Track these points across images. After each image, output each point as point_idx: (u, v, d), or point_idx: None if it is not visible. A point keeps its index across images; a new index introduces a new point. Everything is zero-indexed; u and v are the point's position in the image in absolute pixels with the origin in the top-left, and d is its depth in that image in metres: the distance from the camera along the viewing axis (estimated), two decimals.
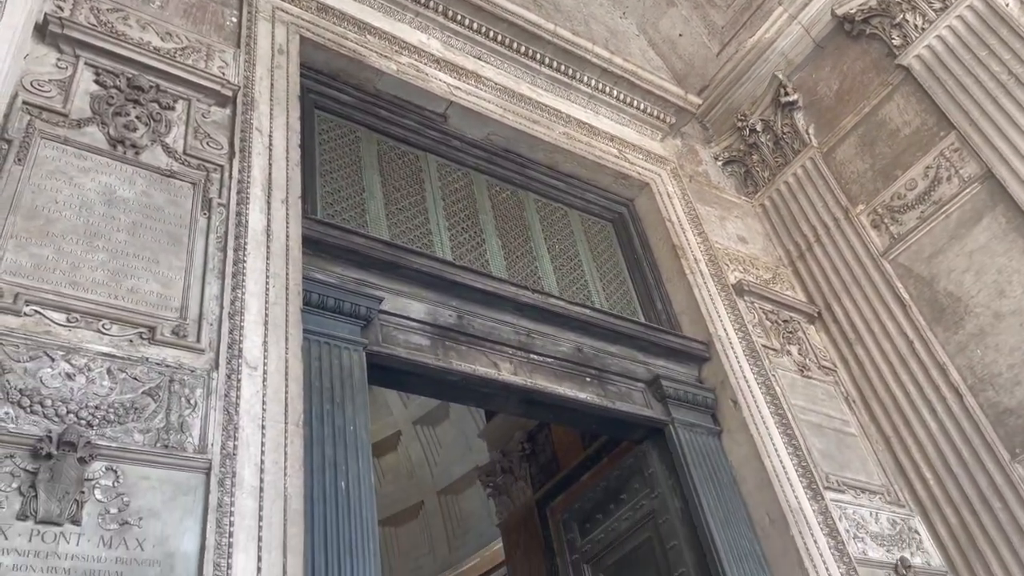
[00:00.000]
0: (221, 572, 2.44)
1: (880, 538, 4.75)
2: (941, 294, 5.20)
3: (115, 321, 2.75)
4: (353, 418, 3.36)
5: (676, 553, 4.58)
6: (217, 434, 2.70)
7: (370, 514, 3.16)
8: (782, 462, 4.67)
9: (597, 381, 4.62)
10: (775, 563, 4.44)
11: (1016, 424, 4.76)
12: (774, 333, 5.40)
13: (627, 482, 5.09)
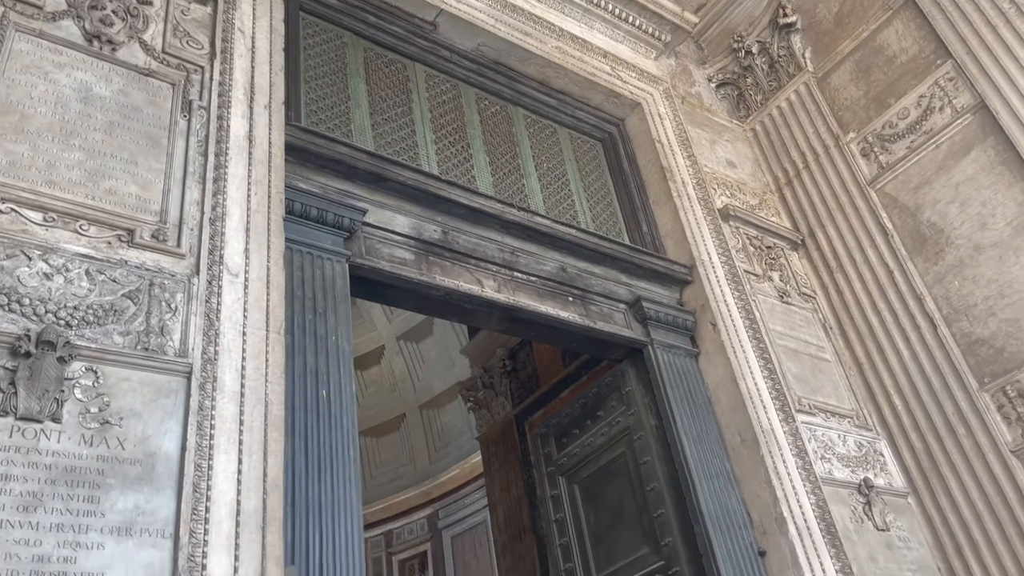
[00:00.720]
0: (202, 473, 2.48)
1: (846, 459, 4.91)
2: (924, 225, 5.22)
3: (93, 222, 2.71)
4: (335, 328, 3.37)
5: (649, 468, 4.72)
6: (198, 339, 2.71)
7: (351, 422, 3.22)
8: (757, 385, 4.77)
9: (580, 301, 4.65)
10: (744, 481, 4.59)
11: (986, 354, 4.86)
12: (757, 259, 5.43)
13: (604, 400, 5.20)
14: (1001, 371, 4.81)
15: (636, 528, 4.82)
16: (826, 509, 4.57)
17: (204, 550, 2.36)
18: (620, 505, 4.92)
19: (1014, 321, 4.80)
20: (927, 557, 4.86)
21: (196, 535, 2.37)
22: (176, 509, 2.38)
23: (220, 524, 2.44)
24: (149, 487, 2.37)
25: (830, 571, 4.34)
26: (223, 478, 2.52)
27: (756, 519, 4.55)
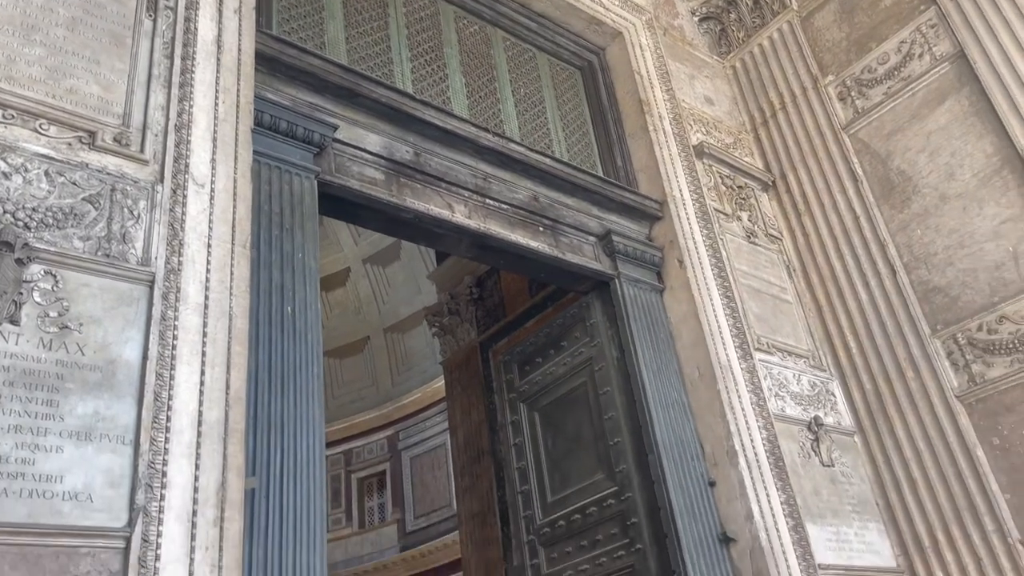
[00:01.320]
0: (164, 382, 2.47)
1: (799, 398, 5.06)
2: (893, 172, 5.27)
3: (53, 122, 2.62)
4: (302, 245, 3.34)
5: (608, 398, 4.82)
6: (161, 248, 2.66)
7: (315, 339, 3.21)
8: (718, 322, 4.86)
9: (550, 231, 4.65)
10: (699, 414, 4.71)
11: (941, 302, 4.99)
12: (727, 198, 5.45)
13: (569, 330, 5.26)
14: (954, 319, 4.95)
15: (592, 455, 4.95)
16: (776, 444, 4.73)
17: (165, 458, 2.38)
18: (578, 432, 5.04)
19: (971, 271, 4.91)
20: (867, 492, 5.08)
21: (157, 443, 2.38)
22: (136, 417, 2.38)
23: (181, 433, 2.45)
24: (109, 394, 2.36)
25: (775, 502, 4.51)
26: (185, 388, 2.52)
27: (708, 451, 4.70)
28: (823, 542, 4.64)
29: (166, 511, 2.32)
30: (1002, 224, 4.80)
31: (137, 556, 2.22)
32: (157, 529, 2.29)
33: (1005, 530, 4.50)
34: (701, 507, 4.52)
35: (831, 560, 4.59)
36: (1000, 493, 4.61)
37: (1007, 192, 4.80)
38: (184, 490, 2.38)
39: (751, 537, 4.39)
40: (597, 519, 4.76)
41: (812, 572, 4.41)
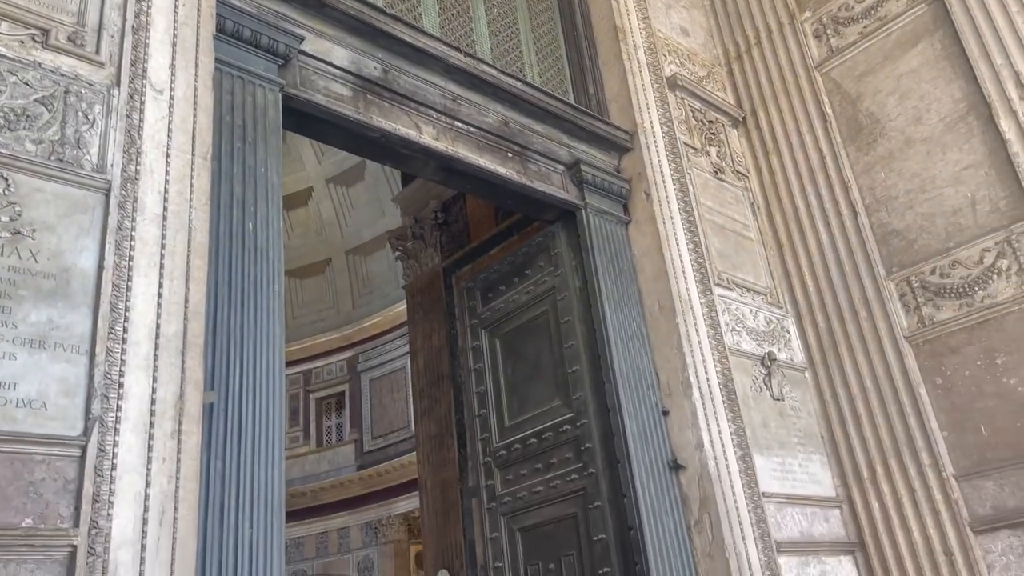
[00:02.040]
0: (120, 293, 2.43)
1: (755, 333, 5.17)
2: (863, 113, 5.29)
3: (4, 17, 2.48)
4: (265, 160, 3.25)
5: (569, 327, 4.87)
6: (117, 155, 2.57)
7: (276, 257, 3.17)
8: (681, 256, 4.90)
9: (519, 158, 4.60)
10: (657, 346, 4.80)
11: (898, 245, 5.09)
12: (697, 132, 5.43)
13: (533, 259, 5.27)
14: (909, 262, 5.06)
15: (550, 382, 5.03)
16: (729, 377, 4.85)
17: (121, 369, 2.35)
18: (538, 360, 5.11)
19: (929, 216, 5.00)
20: (813, 426, 5.26)
21: (113, 354, 2.35)
22: (92, 327, 2.34)
23: (138, 345, 2.42)
24: (64, 302, 2.31)
25: (725, 433, 4.66)
26: (142, 300, 2.48)
27: (664, 381, 4.80)
28: (768, 471, 4.82)
29: (123, 422, 2.31)
30: (963, 171, 4.87)
31: (93, 465, 2.21)
32: (113, 439, 2.29)
33: (940, 465, 4.71)
34: (653, 435, 4.65)
35: (775, 489, 4.78)
36: (938, 430, 4.81)
37: (971, 139, 4.85)
38: (141, 402, 2.37)
39: (700, 465, 4.54)
40: (552, 443, 4.87)
41: (756, 499, 4.59)
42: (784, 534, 4.69)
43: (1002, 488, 4.54)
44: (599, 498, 4.52)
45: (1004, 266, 4.68)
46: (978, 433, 4.67)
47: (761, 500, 4.64)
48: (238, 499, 2.68)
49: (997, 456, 4.58)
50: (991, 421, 4.63)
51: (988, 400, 4.66)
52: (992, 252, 4.75)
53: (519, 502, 4.99)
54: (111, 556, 2.18)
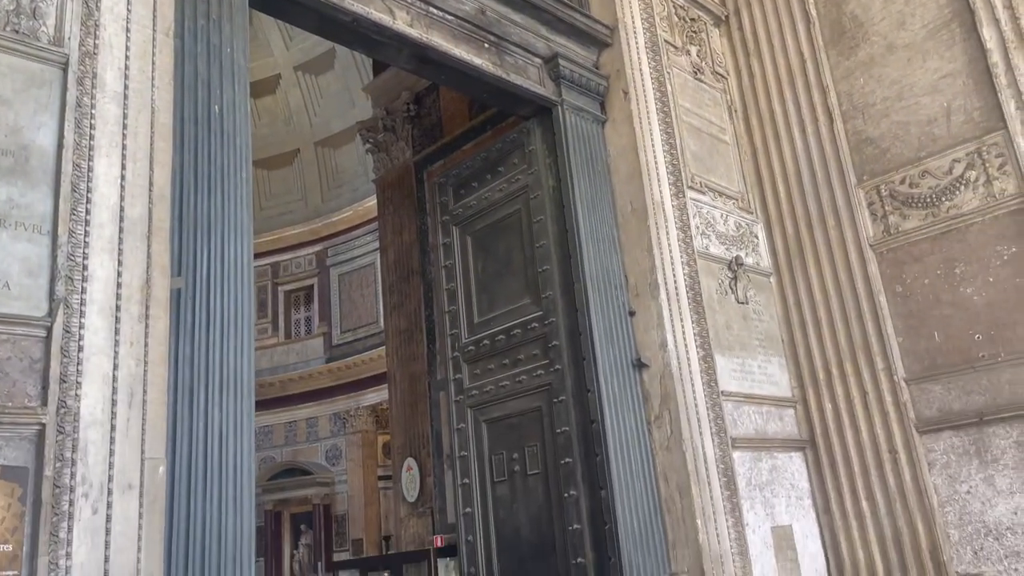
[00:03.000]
0: (81, 173, 2.36)
1: (724, 237, 5.21)
2: (847, 16, 5.19)
3: None
4: (231, 39, 3.12)
5: (541, 227, 4.86)
6: (75, 28, 2.45)
7: (244, 143, 3.08)
8: (656, 158, 4.87)
9: (495, 49, 4.46)
10: (627, 247, 4.83)
11: (871, 153, 5.10)
12: (679, 30, 5.30)
13: (507, 156, 5.20)
14: (880, 170, 5.09)
15: (520, 280, 5.06)
16: (696, 280, 4.92)
17: (85, 251, 2.31)
18: (508, 258, 5.12)
19: (904, 124, 5.00)
20: (775, 329, 5.40)
21: (76, 236, 2.30)
22: (54, 207, 2.28)
23: (102, 228, 2.37)
24: (23, 180, 2.24)
25: (689, 334, 4.76)
26: (104, 181, 2.41)
27: (632, 283, 4.86)
28: (729, 372, 4.97)
29: (88, 304, 2.28)
30: (942, 79, 4.84)
31: (59, 346, 2.20)
32: (80, 321, 2.27)
33: (893, 368, 4.89)
34: (619, 334, 4.74)
35: (734, 388, 4.94)
36: (894, 336, 4.97)
37: (952, 46, 4.80)
38: (107, 285, 2.34)
39: (663, 364, 4.66)
40: (520, 340, 4.95)
41: (715, 398, 4.75)
42: (739, 431, 4.88)
43: (949, 392, 4.74)
44: (564, 393, 4.63)
45: (972, 177, 4.73)
46: (931, 339, 4.83)
47: (720, 398, 4.80)
48: (207, 384, 2.70)
49: (947, 362, 4.75)
50: (945, 328, 4.78)
51: (944, 308, 4.80)
52: (962, 163, 4.78)
53: (486, 395, 5.10)
54: (80, 435, 2.20)
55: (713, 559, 4.30)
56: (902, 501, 4.72)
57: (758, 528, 4.78)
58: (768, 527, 4.85)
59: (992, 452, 4.55)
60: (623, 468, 4.41)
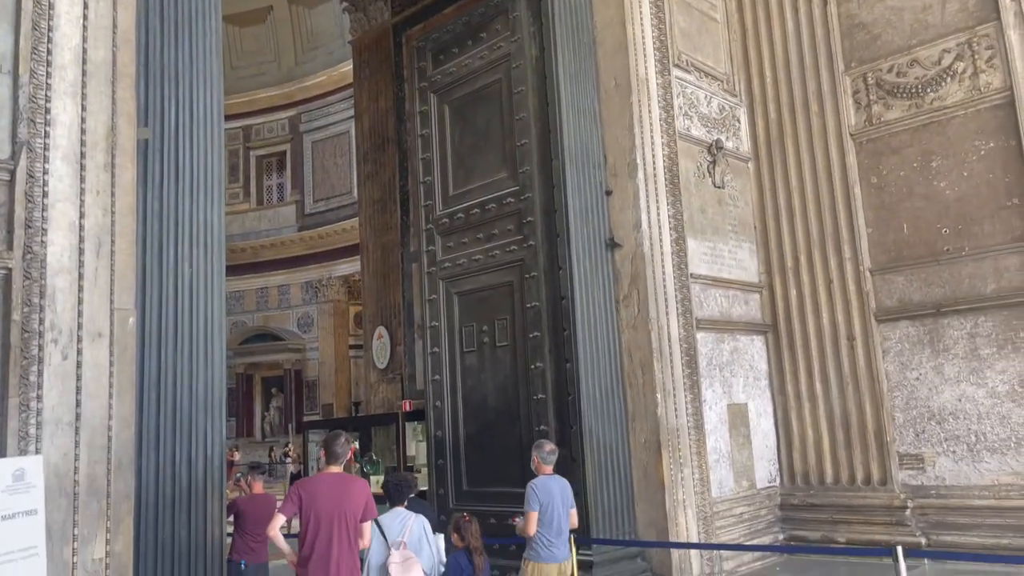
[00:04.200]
0: (42, 10, 2.24)
1: (707, 120, 5.14)
2: None
3: None
4: None
5: (521, 98, 4.74)
6: None
7: None
8: (644, 32, 4.71)
9: None
10: (608, 124, 4.75)
11: (862, 39, 4.99)
12: None
13: (490, 22, 4.99)
14: (869, 57, 4.99)
15: (498, 153, 4.98)
16: (675, 162, 4.88)
17: (47, 94, 2.22)
18: (487, 130, 5.01)
19: (898, 10, 4.87)
20: (748, 215, 5.43)
21: (38, 76, 2.20)
22: (14, 44, 2.17)
23: (64, 70, 2.27)
24: None
25: (664, 215, 4.77)
26: (66, 21, 2.29)
27: (611, 161, 4.81)
28: (699, 255, 5.02)
29: (52, 149, 2.21)
30: None
31: (23, 190, 2.15)
32: (44, 167, 2.21)
33: (860, 259, 4.97)
34: (594, 213, 4.73)
35: (703, 271, 5.01)
36: (864, 227, 5.02)
37: None
38: (71, 130, 2.26)
39: (635, 244, 4.68)
40: (495, 215, 4.92)
41: (684, 280, 4.81)
42: (705, 312, 4.99)
43: (911, 283, 4.86)
44: (536, 269, 4.66)
45: (960, 69, 4.66)
46: (900, 231, 4.90)
47: (688, 281, 4.87)
48: (176, 238, 2.68)
49: (913, 254, 4.84)
50: (914, 221, 4.84)
51: (916, 201, 4.84)
52: (951, 53, 4.70)
53: (458, 268, 5.12)
54: (48, 282, 2.19)
55: (670, 431, 4.48)
56: (854, 385, 4.92)
57: (715, 405, 4.97)
58: (725, 404, 5.05)
59: (944, 342, 4.72)
60: (589, 343, 4.51)
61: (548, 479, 3.11)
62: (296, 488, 2.53)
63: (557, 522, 2.99)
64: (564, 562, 2.99)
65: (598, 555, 4.22)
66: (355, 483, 2.64)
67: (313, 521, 2.45)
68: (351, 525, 2.50)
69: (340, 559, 2.45)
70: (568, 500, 3.11)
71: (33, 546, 1.94)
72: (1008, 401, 4.45)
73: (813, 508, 4.94)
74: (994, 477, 4.44)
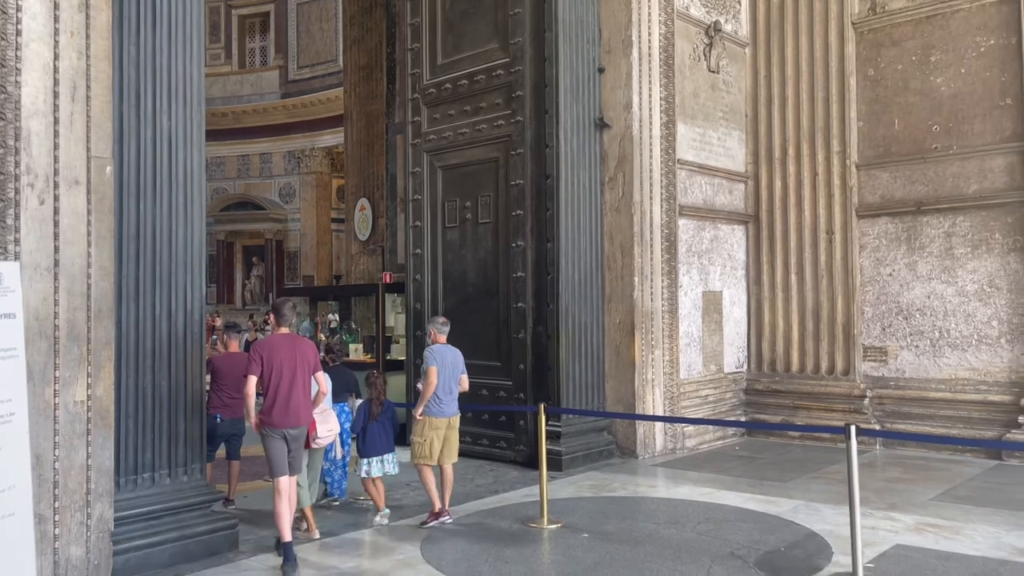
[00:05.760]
0: None
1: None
2: None
3: None
4: None
5: None
6: None
7: None
8: None
9: None
10: None
11: None
12: None
13: None
14: None
15: (490, 22, 4.80)
16: (671, 42, 4.75)
17: None
18: None
19: None
20: (741, 103, 5.34)
21: None
22: None
23: None
24: None
25: (656, 97, 4.69)
26: None
27: (606, 37, 4.67)
28: (688, 141, 4.97)
29: None
30: None
31: None
32: (16, 3, 2.11)
33: (848, 152, 4.95)
34: (585, 90, 4.62)
35: (690, 157, 4.97)
36: (855, 120, 4.97)
37: None
38: None
39: (625, 125, 4.62)
40: (484, 87, 4.80)
41: (671, 165, 4.78)
42: (689, 199, 4.99)
43: (895, 179, 4.86)
44: (522, 146, 4.60)
45: None
46: (891, 127, 4.86)
47: (675, 166, 4.84)
48: (155, 88, 2.60)
49: (901, 150, 4.82)
50: (906, 116, 4.79)
51: (910, 96, 4.78)
52: None
53: (444, 141, 5.04)
54: (23, 124, 2.13)
55: (644, 314, 4.57)
56: (829, 278, 5.01)
57: (691, 291, 5.05)
58: (700, 291, 5.13)
59: (921, 240, 4.78)
60: (571, 224, 4.52)
61: (443, 347, 3.43)
62: (256, 349, 2.83)
63: (448, 383, 3.36)
64: (453, 417, 3.40)
65: (566, 426, 4.40)
66: (304, 341, 3.02)
67: (275, 373, 2.77)
68: (306, 374, 2.85)
69: (298, 403, 2.81)
70: (459, 367, 3.45)
71: (13, 347, 1.96)
72: (975, 300, 4.56)
73: (777, 394, 5.13)
74: (952, 372, 4.61)
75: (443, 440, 3.32)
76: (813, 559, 2.64)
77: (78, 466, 2.26)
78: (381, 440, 3.32)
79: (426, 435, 3.28)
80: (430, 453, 3.26)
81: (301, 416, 2.81)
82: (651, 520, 3.20)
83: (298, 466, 2.86)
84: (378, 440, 3.30)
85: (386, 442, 3.34)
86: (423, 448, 3.27)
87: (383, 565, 2.70)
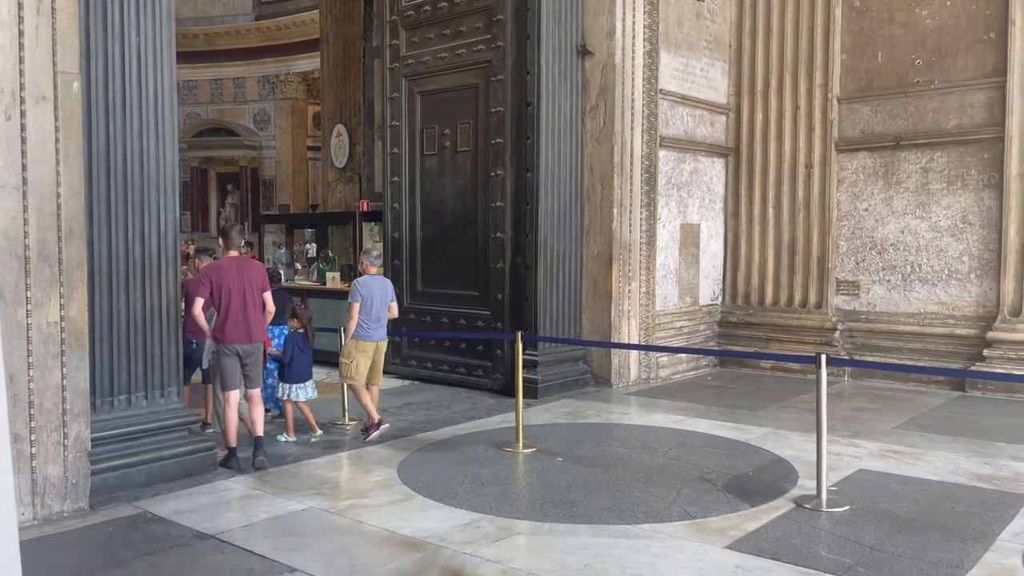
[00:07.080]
0: None
1: None
2: None
3: None
4: None
5: None
6: None
7: None
8: None
9: None
10: None
11: None
12: None
13: None
14: None
15: None
16: None
17: None
18: None
19: None
20: (725, 33, 5.25)
21: None
22: None
23: None
24: None
25: (639, 25, 4.59)
26: None
27: None
28: (671, 70, 4.90)
29: None
30: None
31: None
32: None
33: (830, 86, 4.92)
34: (567, 16, 4.52)
35: (673, 88, 4.91)
36: (839, 53, 4.92)
37: None
38: None
39: (607, 53, 4.54)
40: (464, 9, 4.68)
41: (653, 95, 4.73)
42: (670, 131, 4.95)
43: (876, 114, 4.85)
44: (503, 72, 4.52)
45: None
46: (874, 60, 4.82)
47: (657, 96, 4.78)
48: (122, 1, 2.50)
49: (883, 84, 4.79)
50: (889, 50, 4.75)
51: (895, 29, 4.73)
52: None
53: (422, 66, 4.93)
54: None
55: (622, 246, 4.58)
56: (806, 212, 5.03)
57: (669, 223, 5.06)
58: (678, 224, 5.14)
59: (898, 175, 4.80)
60: (551, 153, 4.48)
61: (371, 278, 3.64)
62: (205, 272, 3.03)
63: (376, 311, 3.60)
64: (381, 342, 3.65)
65: (543, 355, 4.45)
66: (252, 262, 3.26)
67: (225, 294, 2.96)
68: (256, 294, 3.05)
69: (250, 319, 3.01)
70: (388, 295, 3.68)
71: None
72: (948, 235, 4.61)
73: (750, 326, 5.20)
74: (921, 305, 4.70)
75: (371, 363, 3.56)
76: (779, 483, 2.72)
77: (53, 386, 2.25)
78: (305, 368, 3.57)
79: (353, 356, 3.52)
80: (356, 373, 3.51)
81: (254, 333, 3.01)
82: (624, 445, 3.28)
83: (257, 380, 3.07)
84: (303, 368, 3.55)
85: (308, 369, 3.58)
86: (349, 368, 3.52)
87: (360, 486, 2.75)
